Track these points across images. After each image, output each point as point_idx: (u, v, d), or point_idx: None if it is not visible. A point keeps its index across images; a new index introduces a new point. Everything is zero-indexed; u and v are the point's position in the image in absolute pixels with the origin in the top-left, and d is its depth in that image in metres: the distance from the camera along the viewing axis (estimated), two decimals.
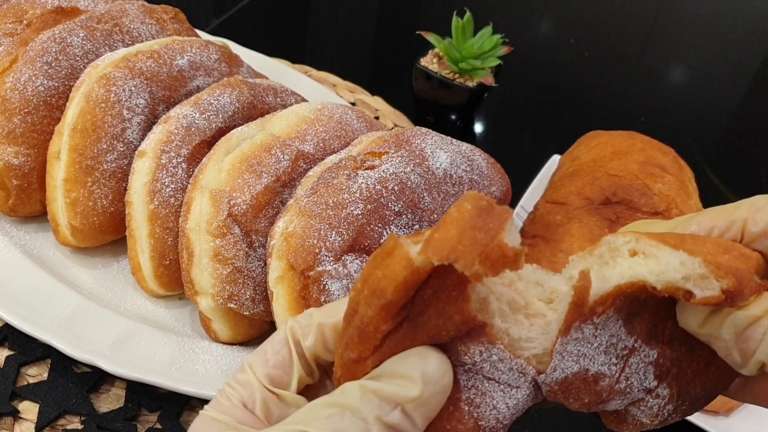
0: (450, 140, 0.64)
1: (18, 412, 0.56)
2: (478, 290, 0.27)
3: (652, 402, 0.31)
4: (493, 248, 0.24)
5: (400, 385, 0.26)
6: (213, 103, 0.63)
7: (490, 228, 0.24)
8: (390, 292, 0.25)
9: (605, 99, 1.25)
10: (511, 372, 0.28)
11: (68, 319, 0.58)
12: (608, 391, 0.30)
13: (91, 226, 0.62)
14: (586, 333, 0.28)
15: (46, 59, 0.63)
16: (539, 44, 1.40)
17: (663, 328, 0.29)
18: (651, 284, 0.27)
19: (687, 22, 1.58)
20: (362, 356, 0.28)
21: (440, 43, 0.94)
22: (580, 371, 0.29)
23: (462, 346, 0.27)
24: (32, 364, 0.59)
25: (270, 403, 0.30)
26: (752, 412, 0.67)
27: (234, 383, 0.31)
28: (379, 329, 0.27)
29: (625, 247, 0.29)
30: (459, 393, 0.28)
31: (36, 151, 0.63)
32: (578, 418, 0.67)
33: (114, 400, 0.58)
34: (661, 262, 0.27)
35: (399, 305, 0.26)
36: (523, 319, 0.29)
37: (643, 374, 0.30)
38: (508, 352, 0.28)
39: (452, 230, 0.24)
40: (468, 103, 0.97)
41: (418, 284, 0.25)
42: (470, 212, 0.25)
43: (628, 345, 0.29)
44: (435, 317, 0.26)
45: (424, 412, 0.26)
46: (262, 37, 1.19)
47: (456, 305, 0.26)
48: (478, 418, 0.28)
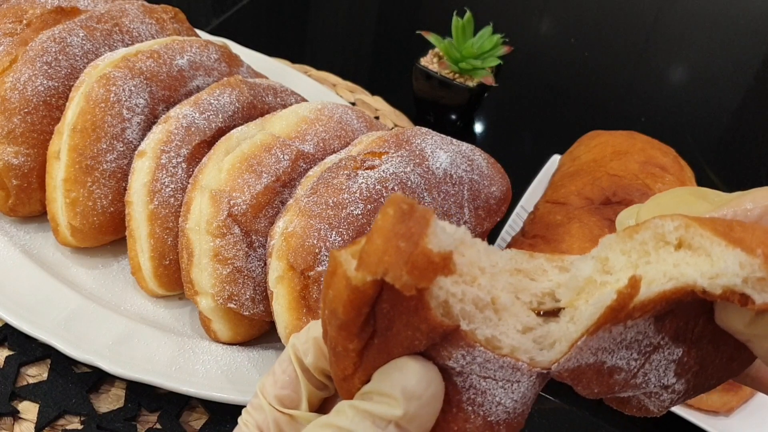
0: (450, 140, 0.64)
1: (18, 413, 0.56)
2: (436, 295, 0.25)
3: (665, 396, 0.29)
4: (417, 256, 0.22)
5: (387, 404, 0.26)
6: (213, 103, 0.63)
7: (412, 234, 0.23)
8: (341, 313, 0.24)
9: (605, 99, 1.25)
10: (503, 370, 0.26)
11: (68, 319, 0.57)
12: (622, 384, 0.28)
13: (90, 226, 0.62)
14: (613, 332, 0.26)
15: (45, 59, 0.63)
16: (539, 44, 1.40)
17: (693, 326, 0.27)
18: (703, 289, 0.24)
19: (687, 21, 1.58)
20: (346, 374, 0.27)
21: (440, 42, 0.94)
22: (596, 363, 0.27)
23: (444, 352, 0.26)
24: (32, 364, 0.59)
25: (282, 424, 0.30)
26: (752, 412, 0.67)
27: (250, 408, 0.31)
28: (347, 348, 0.26)
29: (674, 235, 0.25)
30: (458, 395, 0.27)
31: (36, 151, 0.63)
32: (579, 420, 0.67)
33: (114, 400, 0.58)
34: (716, 263, 0.24)
35: (356, 324, 0.25)
36: (492, 315, 0.27)
37: (663, 371, 0.28)
38: (490, 353, 0.26)
39: (378, 241, 0.23)
40: (468, 102, 0.97)
41: (367, 301, 0.24)
42: (392, 219, 0.23)
43: (654, 342, 0.27)
44: (403, 329, 0.25)
45: (418, 424, 0.26)
46: (262, 37, 1.19)
47: (418, 315, 0.24)
48: (485, 416, 0.27)
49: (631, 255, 0.26)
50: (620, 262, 0.27)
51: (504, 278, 0.28)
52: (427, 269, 0.23)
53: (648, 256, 0.26)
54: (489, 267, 0.27)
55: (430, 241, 0.23)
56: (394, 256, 0.22)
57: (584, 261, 0.28)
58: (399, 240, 0.23)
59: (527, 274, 0.28)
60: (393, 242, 0.22)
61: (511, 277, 0.28)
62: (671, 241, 0.25)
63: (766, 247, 0.23)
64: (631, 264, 0.26)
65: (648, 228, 0.26)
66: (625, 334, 0.26)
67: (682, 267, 0.25)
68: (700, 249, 0.25)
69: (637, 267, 0.26)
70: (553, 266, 0.29)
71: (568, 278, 0.28)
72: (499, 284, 0.27)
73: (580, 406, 0.67)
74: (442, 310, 0.25)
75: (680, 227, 0.25)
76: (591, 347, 0.26)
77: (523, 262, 0.29)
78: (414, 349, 0.25)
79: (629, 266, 0.26)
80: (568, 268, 0.29)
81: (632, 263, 0.26)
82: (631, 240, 0.26)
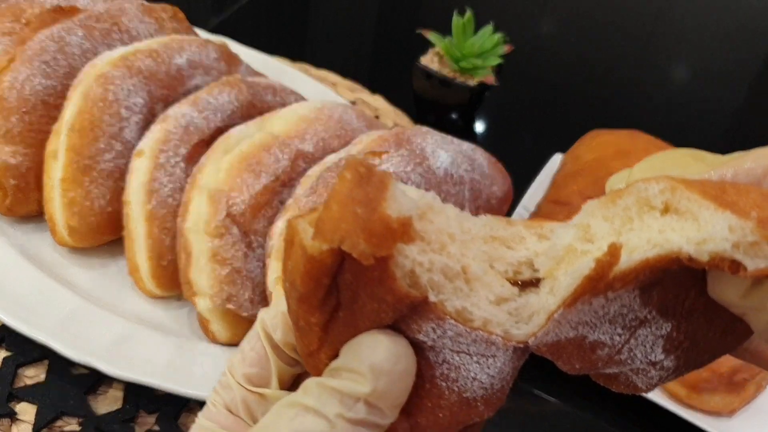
0: (451, 139, 0.64)
1: (15, 414, 0.55)
2: (402, 264, 0.23)
3: (653, 373, 0.27)
4: (374, 222, 0.21)
5: (354, 381, 0.24)
6: (212, 102, 0.62)
7: (370, 199, 0.21)
8: (299, 285, 0.23)
9: (607, 98, 1.24)
10: (477, 344, 0.24)
11: (66, 320, 0.57)
12: (605, 360, 0.26)
13: (88, 226, 0.61)
14: (594, 305, 0.24)
15: (44, 58, 0.63)
16: (540, 43, 1.39)
17: (684, 299, 0.25)
18: (689, 256, 0.22)
19: (689, 20, 1.57)
20: (311, 350, 0.26)
21: (441, 41, 0.93)
22: (576, 337, 0.25)
23: (414, 325, 0.24)
24: (30, 365, 0.58)
25: (251, 403, 0.29)
26: (755, 413, 0.66)
27: (219, 387, 0.30)
28: (310, 323, 0.25)
29: (659, 199, 0.23)
30: (431, 370, 0.25)
31: (33, 151, 0.63)
32: (580, 421, 0.67)
33: (112, 401, 0.58)
34: (703, 227, 0.22)
35: (317, 297, 0.23)
36: (463, 285, 0.25)
37: (650, 347, 0.26)
38: (461, 326, 0.24)
39: (334, 207, 0.21)
40: (469, 102, 0.96)
41: (326, 271, 0.22)
42: (350, 183, 0.22)
43: (640, 316, 0.25)
44: (368, 302, 0.23)
45: (389, 401, 0.25)
46: (261, 36, 1.18)
47: (383, 286, 0.22)
48: (460, 391, 0.26)
49: (613, 221, 0.24)
50: (602, 229, 0.25)
51: (477, 246, 0.26)
52: (385, 236, 0.21)
53: (631, 223, 0.24)
54: (460, 234, 0.25)
55: (388, 206, 0.21)
56: (351, 223, 0.21)
57: (565, 229, 0.26)
58: (356, 206, 0.21)
59: (504, 242, 0.27)
60: (350, 208, 0.21)
61: (486, 244, 0.26)
62: (656, 205, 0.24)
63: (761, 209, 0.21)
64: (614, 231, 0.24)
65: (631, 192, 0.24)
66: (608, 308, 0.24)
67: (667, 233, 0.23)
68: (687, 213, 0.23)
69: (620, 234, 0.24)
70: (532, 233, 0.27)
71: (548, 247, 0.26)
72: (472, 252, 0.25)
73: (581, 408, 0.67)
74: (409, 280, 0.23)
75: (666, 190, 0.23)
76: (570, 320, 0.24)
77: (500, 229, 0.27)
78: (381, 322, 0.24)
79: (612, 233, 0.24)
80: (548, 236, 0.27)
81: (615, 230, 0.24)
82: (614, 205, 0.25)
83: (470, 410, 0.26)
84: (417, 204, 0.24)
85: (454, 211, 0.26)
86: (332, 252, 0.22)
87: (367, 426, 0.24)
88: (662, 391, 0.65)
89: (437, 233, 0.25)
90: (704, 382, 0.64)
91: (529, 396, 0.66)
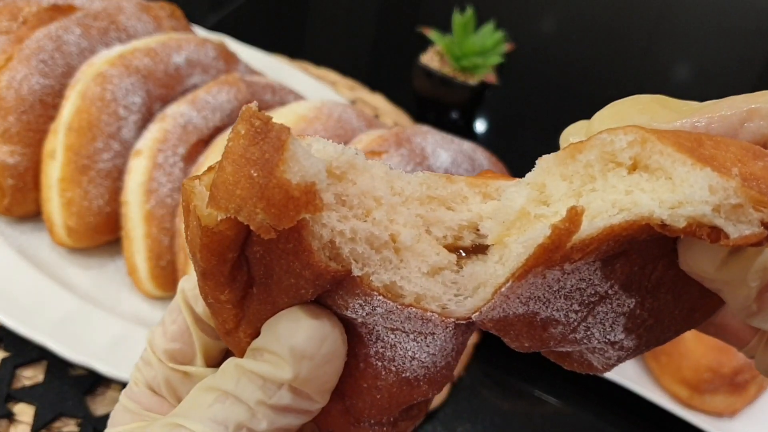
0: (451, 138, 0.63)
1: (13, 415, 0.55)
2: (319, 234, 0.20)
3: (612, 353, 0.24)
4: (272, 189, 0.18)
5: (275, 364, 0.21)
6: (210, 101, 0.62)
7: (266, 160, 0.18)
8: (200, 259, 0.20)
9: (609, 97, 1.23)
10: (412, 321, 0.22)
11: (64, 321, 0.57)
12: (558, 339, 0.23)
13: (86, 227, 0.61)
14: (548, 278, 0.21)
15: (41, 57, 0.62)
16: (542, 41, 1.39)
17: (650, 272, 0.22)
18: (662, 222, 0.18)
19: (691, 19, 1.57)
20: (228, 328, 0.23)
21: (441, 39, 0.93)
22: (526, 313, 0.22)
23: (340, 301, 0.21)
24: (28, 365, 0.58)
25: (175, 382, 0.26)
26: (756, 414, 0.66)
27: (140, 364, 0.27)
28: (219, 300, 0.22)
29: (627, 153, 0.20)
30: (365, 348, 0.23)
31: (32, 150, 0.62)
32: (581, 422, 0.66)
33: (110, 402, 0.57)
34: (679, 187, 0.18)
35: (222, 273, 0.20)
36: (392, 255, 0.21)
37: (610, 326, 0.23)
38: (391, 302, 0.21)
39: (228, 168, 0.18)
40: (469, 101, 0.96)
41: (228, 244, 0.19)
42: (244, 140, 0.18)
43: (600, 291, 0.21)
44: (285, 276, 0.20)
45: (315, 386, 0.22)
46: (260, 34, 1.18)
47: (299, 259, 0.19)
48: (398, 371, 0.23)
49: (572, 180, 0.21)
50: (560, 189, 0.21)
51: (412, 209, 0.22)
52: (286, 206, 0.18)
53: (593, 182, 0.20)
54: (389, 196, 0.22)
55: (287, 169, 0.18)
56: (247, 189, 0.18)
57: (516, 188, 0.22)
58: (251, 167, 0.18)
59: (443, 202, 0.23)
60: (245, 170, 0.18)
61: (422, 206, 0.23)
62: (623, 161, 0.20)
63: (743, 164, 0.18)
64: (573, 192, 0.21)
65: (594, 146, 0.20)
66: (564, 281, 0.21)
67: (635, 194, 0.19)
68: (659, 170, 0.19)
69: (580, 195, 0.20)
70: (476, 192, 0.24)
71: (496, 209, 0.23)
72: (403, 217, 0.22)
73: (583, 409, 0.67)
74: (329, 252, 0.20)
75: (635, 143, 0.19)
76: (520, 295, 0.21)
77: (439, 188, 0.23)
78: (302, 298, 0.21)
79: (570, 195, 0.21)
80: (494, 195, 0.24)
81: (574, 191, 0.21)
82: (573, 161, 0.21)
83: (412, 390, 0.24)
84: (326, 164, 0.20)
85: (383, 169, 0.23)
86: (231, 222, 0.19)
87: (293, 412, 0.22)
88: (664, 392, 0.65)
89: (361, 196, 0.21)
90: (706, 383, 0.63)
91: (530, 397, 0.66)
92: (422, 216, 0.23)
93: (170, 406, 0.26)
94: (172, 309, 0.26)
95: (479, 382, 0.66)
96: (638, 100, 0.24)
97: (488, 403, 0.65)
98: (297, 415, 0.22)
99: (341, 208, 0.21)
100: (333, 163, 0.21)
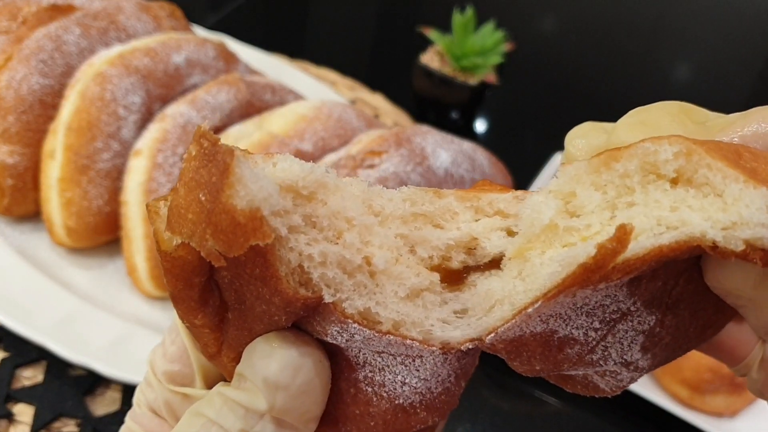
0: (451, 138, 0.63)
1: (13, 415, 0.55)
2: (285, 258, 0.19)
3: (625, 375, 0.22)
4: (219, 215, 0.16)
5: (252, 393, 0.21)
6: (210, 101, 0.62)
7: (213, 183, 0.17)
8: (168, 284, 0.19)
9: (609, 96, 1.23)
10: (394, 346, 0.20)
11: (63, 321, 0.57)
12: (574, 361, 0.21)
13: (86, 227, 0.61)
14: (577, 297, 0.19)
15: (41, 57, 0.62)
16: (542, 41, 1.39)
17: (672, 287, 0.20)
18: (713, 243, 0.17)
19: (691, 19, 1.57)
20: (211, 352, 0.22)
21: (441, 39, 0.93)
22: (544, 332, 0.20)
23: (318, 327, 0.20)
24: (27, 365, 0.58)
25: (174, 404, 0.25)
26: (758, 414, 0.66)
27: (143, 384, 0.27)
28: (195, 324, 0.21)
29: (671, 166, 0.18)
30: (354, 372, 0.22)
31: (31, 150, 0.62)
32: (582, 422, 0.66)
33: (110, 402, 0.57)
34: (732, 207, 0.16)
35: (192, 297, 0.20)
36: (367, 280, 0.20)
37: (628, 345, 0.21)
38: (369, 330, 0.20)
39: (182, 191, 0.17)
40: (469, 101, 0.96)
41: (192, 269, 0.18)
42: (195, 161, 0.17)
43: (623, 308, 0.20)
44: (256, 303, 0.19)
45: (296, 416, 0.21)
46: (260, 33, 1.18)
47: (267, 285, 0.18)
48: (391, 398, 0.22)
49: (607, 191, 0.19)
50: (593, 200, 0.19)
51: (392, 228, 0.21)
52: (234, 233, 0.16)
53: (632, 194, 0.19)
54: (362, 217, 0.20)
55: (233, 194, 0.16)
56: (197, 213, 0.17)
57: (543, 198, 0.20)
58: (200, 190, 0.17)
59: (430, 219, 0.22)
60: (195, 193, 0.17)
61: (406, 225, 0.21)
62: (666, 173, 0.18)
63: None
64: (608, 204, 0.19)
65: (634, 155, 0.18)
66: (590, 298, 0.19)
67: (683, 211, 0.17)
68: (706, 186, 0.17)
69: (616, 208, 0.19)
70: (467, 207, 0.22)
71: (520, 219, 0.21)
72: (379, 238, 0.20)
73: (583, 409, 0.67)
74: (298, 277, 0.19)
75: (680, 154, 0.18)
76: (543, 314, 0.19)
77: (425, 203, 0.22)
78: (276, 324, 0.20)
79: (605, 207, 0.19)
80: (486, 209, 0.22)
81: (608, 202, 0.19)
82: (607, 170, 0.19)
83: (409, 418, 0.22)
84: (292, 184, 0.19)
85: (360, 187, 0.21)
86: (188, 247, 0.18)
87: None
88: (664, 393, 0.65)
89: (331, 217, 0.20)
90: (706, 383, 0.63)
91: (530, 397, 0.66)
92: (405, 236, 0.21)
93: (170, 428, 0.26)
94: (171, 329, 0.26)
95: (479, 382, 0.66)
96: (667, 108, 0.22)
97: (488, 403, 0.65)
98: None
99: (311, 231, 0.19)
100: (299, 182, 0.20)
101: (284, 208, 0.19)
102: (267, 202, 0.17)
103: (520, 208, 0.21)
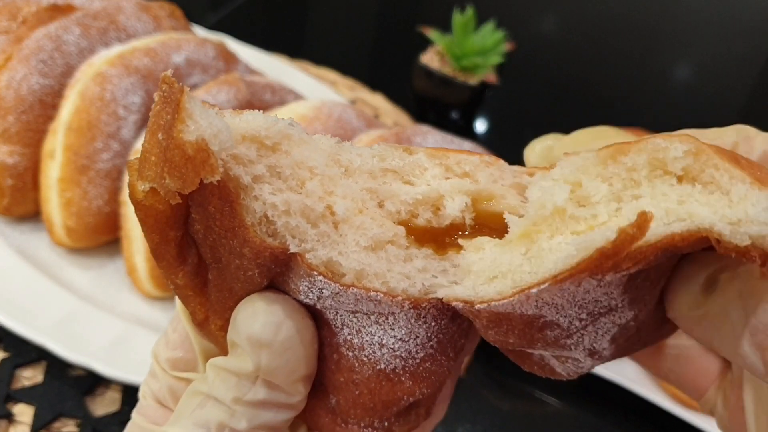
0: (451, 138, 0.63)
1: (13, 416, 0.55)
2: (251, 207, 0.19)
3: (587, 362, 0.23)
4: (172, 150, 0.17)
5: (239, 356, 0.21)
6: (210, 101, 0.62)
7: (168, 122, 0.17)
8: (147, 237, 0.20)
9: (610, 97, 1.23)
10: (363, 302, 0.20)
11: (63, 321, 0.57)
12: (548, 342, 0.21)
13: (86, 227, 0.61)
14: (582, 286, 0.19)
15: (41, 57, 0.62)
16: (543, 41, 1.39)
17: (656, 286, 0.21)
18: (719, 235, 0.17)
19: (692, 20, 1.57)
20: (198, 319, 0.23)
21: (441, 39, 0.92)
22: (532, 315, 0.20)
23: (292, 284, 0.20)
24: (27, 365, 0.58)
25: (178, 390, 0.25)
26: None
27: (148, 377, 0.27)
28: (178, 285, 0.21)
29: (679, 164, 0.19)
30: (335, 337, 0.22)
31: (31, 150, 0.62)
32: (582, 422, 0.66)
33: (110, 402, 0.57)
34: (738, 205, 0.17)
35: (169, 252, 0.20)
36: (331, 230, 0.20)
37: (602, 335, 0.22)
38: (334, 284, 0.20)
39: (148, 136, 0.18)
40: (469, 101, 0.96)
41: (165, 220, 0.19)
42: (157, 105, 0.18)
43: (612, 304, 0.21)
44: (231, 258, 0.20)
45: (282, 377, 0.21)
46: (260, 33, 1.18)
47: (237, 236, 0.19)
48: (373, 363, 0.22)
49: (613, 183, 0.20)
50: (599, 191, 0.20)
51: (360, 182, 0.21)
52: (186, 167, 0.17)
53: (638, 187, 0.20)
54: (324, 167, 0.21)
55: (183, 129, 0.17)
56: (157, 154, 0.17)
57: (551, 184, 0.21)
58: (159, 131, 0.18)
59: (400, 175, 0.22)
60: (156, 135, 0.18)
61: (374, 179, 0.22)
62: (674, 170, 0.19)
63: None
64: (614, 195, 0.20)
65: (643, 150, 0.19)
66: (590, 294, 0.20)
67: (690, 205, 0.18)
68: (713, 184, 0.18)
69: (621, 200, 0.20)
70: (436, 164, 0.23)
71: (528, 201, 0.21)
72: (344, 189, 0.21)
73: (583, 409, 0.67)
74: (265, 227, 0.20)
75: (689, 153, 0.19)
76: (541, 299, 0.19)
77: (395, 159, 0.22)
78: (255, 284, 0.20)
79: (611, 198, 0.20)
80: (454, 168, 0.23)
81: (614, 194, 0.20)
82: (614, 163, 0.20)
83: (394, 386, 0.22)
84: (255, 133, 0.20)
85: (329, 143, 0.21)
86: (156, 193, 0.18)
87: (272, 407, 0.21)
88: (664, 393, 0.65)
89: (294, 167, 0.20)
90: None
91: (530, 397, 0.66)
92: (373, 190, 0.21)
93: None
94: (173, 319, 0.27)
95: (479, 382, 0.66)
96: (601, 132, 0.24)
97: (488, 403, 0.65)
98: (277, 410, 0.21)
99: (275, 181, 0.20)
100: (262, 132, 0.20)
101: (248, 157, 0.19)
102: (216, 138, 0.18)
103: (528, 190, 0.22)
